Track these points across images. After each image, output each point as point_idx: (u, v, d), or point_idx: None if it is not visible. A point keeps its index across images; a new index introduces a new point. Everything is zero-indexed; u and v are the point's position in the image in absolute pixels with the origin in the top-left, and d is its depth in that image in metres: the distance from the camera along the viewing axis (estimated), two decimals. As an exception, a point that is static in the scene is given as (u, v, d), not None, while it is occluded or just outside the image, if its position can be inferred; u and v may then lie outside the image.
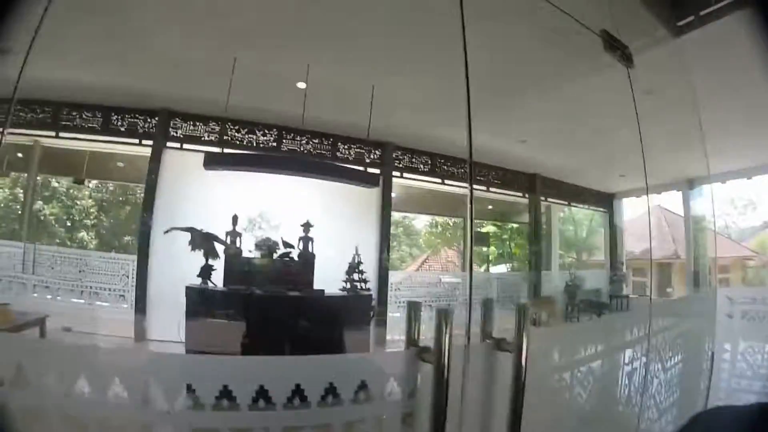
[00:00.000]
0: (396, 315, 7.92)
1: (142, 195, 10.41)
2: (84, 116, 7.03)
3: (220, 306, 4.82)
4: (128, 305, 6.91)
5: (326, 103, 6.17)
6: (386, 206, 7.08)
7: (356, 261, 5.31)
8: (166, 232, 5.23)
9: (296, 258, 5.37)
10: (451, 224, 11.30)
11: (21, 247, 7.76)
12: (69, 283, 7.38)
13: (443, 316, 2.39)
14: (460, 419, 2.61)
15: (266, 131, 6.64)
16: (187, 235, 5.22)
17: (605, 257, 9.54)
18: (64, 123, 7.09)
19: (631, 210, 9.01)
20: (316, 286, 5.18)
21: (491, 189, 8.14)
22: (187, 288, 4.82)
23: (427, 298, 8.39)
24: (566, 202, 9.78)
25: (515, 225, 10.64)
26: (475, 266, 9.96)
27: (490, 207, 9.43)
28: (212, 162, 5.64)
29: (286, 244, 5.50)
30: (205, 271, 5.16)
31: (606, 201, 9.13)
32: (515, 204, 9.31)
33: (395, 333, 6.84)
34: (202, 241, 5.22)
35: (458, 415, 2.58)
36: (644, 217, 8.27)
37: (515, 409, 2.60)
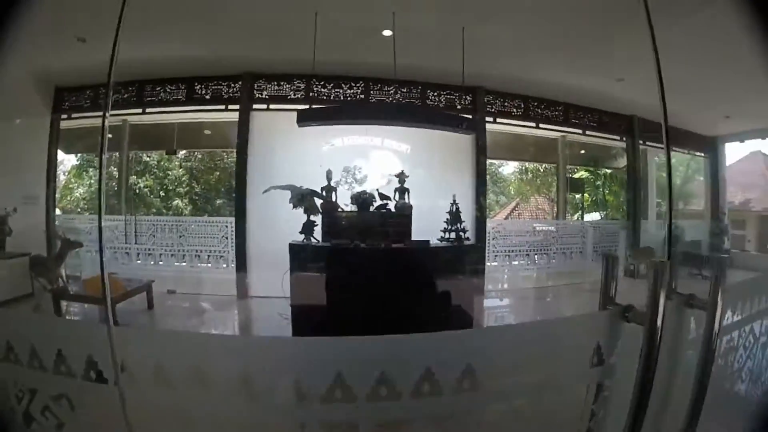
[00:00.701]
0: (494, 264, 7.82)
1: (233, 159, 10.73)
2: (168, 90, 7.16)
3: (323, 261, 4.71)
4: (228, 265, 7.11)
5: (414, 50, 5.85)
6: (480, 153, 6.77)
7: (455, 210, 5.05)
8: (265, 191, 5.16)
9: (393, 209, 5.18)
10: (542, 170, 10.98)
11: (122, 219, 8.08)
12: (171, 248, 7.67)
13: (660, 269, 2.00)
14: (668, 387, 2.24)
15: (352, 84, 6.46)
16: (286, 194, 5.11)
17: (707, 206, 8.79)
18: (149, 99, 7.25)
19: (735, 155, 8.18)
20: (415, 237, 4.96)
21: (587, 132, 7.57)
22: (291, 245, 4.72)
23: (522, 247, 8.04)
24: (665, 146, 8.97)
25: (608, 171, 10.03)
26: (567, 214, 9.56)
27: (582, 152, 8.89)
28: (305, 118, 5.49)
29: (383, 196, 5.33)
30: (308, 228, 5.07)
31: (708, 145, 8.30)
32: (610, 148, 8.68)
33: (495, 283, 6.64)
34: (303, 197, 5.11)
35: (666, 383, 2.22)
36: (747, 164, 7.53)
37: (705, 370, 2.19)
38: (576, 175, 9.31)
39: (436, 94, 6.64)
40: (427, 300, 4.54)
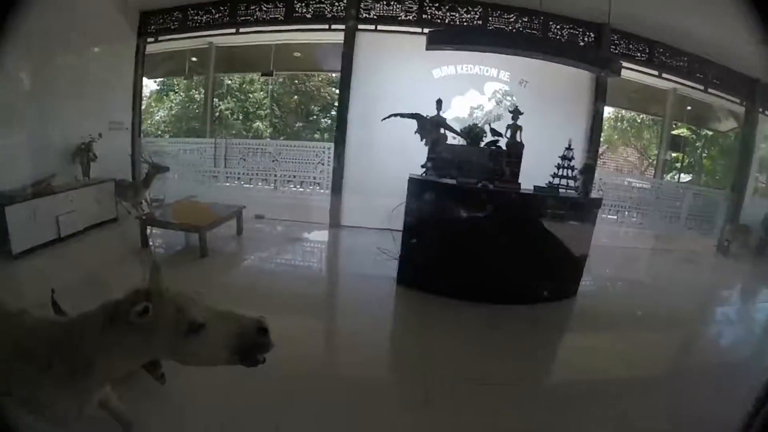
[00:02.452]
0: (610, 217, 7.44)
1: (314, 84, 10.53)
2: (264, 8, 6.79)
3: (443, 198, 4.37)
4: (324, 190, 6.98)
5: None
6: (599, 97, 6.30)
7: (570, 156, 4.62)
8: (385, 119, 4.79)
9: (504, 147, 4.79)
10: (639, 121, 10.34)
11: (212, 142, 8.01)
12: (262, 173, 7.57)
13: None
14: None
15: (470, 8, 6.00)
16: (392, 121, 4.75)
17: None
18: (243, 18, 6.90)
19: None
20: (528, 180, 4.57)
21: (709, 89, 6.94)
22: (411, 178, 4.39)
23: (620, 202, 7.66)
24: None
25: (710, 132, 9.33)
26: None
27: (689, 108, 8.22)
28: (437, 40, 5.02)
29: (494, 132, 4.88)
30: (435, 161, 4.69)
31: None
32: (717, 109, 7.98)
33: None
34: (432, 127, 4.73)
35: None
36: None
37: None
38: (675, 132, 8.71)
39: (558, 26, 6.14)
40: (539, 249, 4.26)
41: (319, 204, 6.85)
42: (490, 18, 6.01)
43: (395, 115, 4.74)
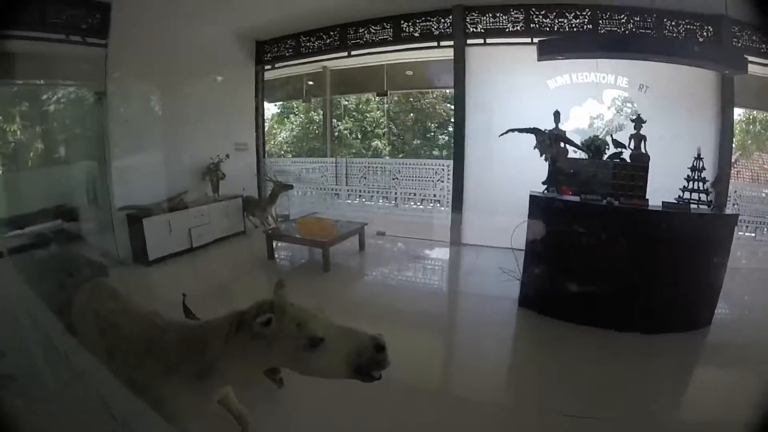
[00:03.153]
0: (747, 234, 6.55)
1: (429, 101, 10.74)
2: (372, 30, 7.13)
3: (566, 217, 4.24)
4: (444, 207, 7.11)
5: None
6: (726, 98, 5.81)
7: (700, 166, 4.27)
8: (502, 134, 4.76)
9: (628, 159, 4.57)
10: None
11: (333, 161, 8.47)
12: (383, 190, 7.89)
13: None
14: None
15: (577, 13, 5.83)
16: (516, 137, 4.71)
17: None
18: (353, 42, 7.29)
19: None
20: (656, 195, 4.27)
21: None
22: (532, 196, 4.33)
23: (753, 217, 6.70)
24: None
25: None
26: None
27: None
28: (548, 50, 5.00)
29: (617, 143, 4.57)
30: (554, 177, 4.58)
31: None
32: None
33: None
34: (552, 142, 4.63)
35: None
36: None
37: None
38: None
39: (673, 23, 5.76)
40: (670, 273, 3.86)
41: (439, 221, 7.02)
42: (600, 21, 5.77)
43: (512, 130, 4.66)
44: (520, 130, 4.65)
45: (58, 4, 5.32)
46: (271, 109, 11.83)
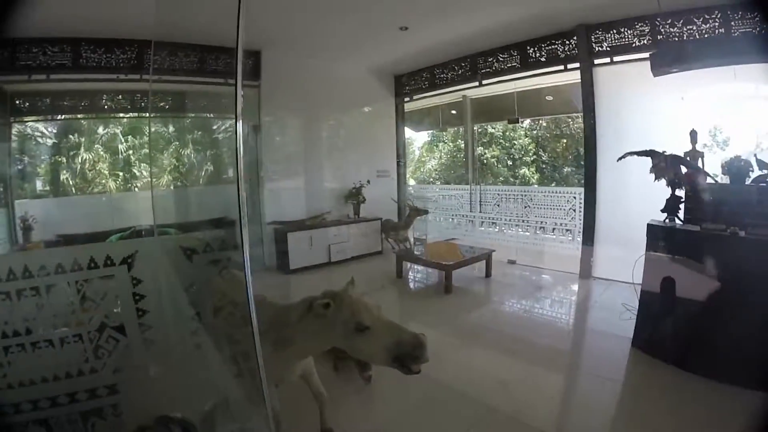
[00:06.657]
0: None
1: (579, 125, 10.18)
2: (500, 58, 7.15)
3: (687, 248, 3.67)
4: (574, 239, 6.73)
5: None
6: None
7: None
8: (621, 158, 4.34)
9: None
10: None
11: (468, 189, 8.59)
12: (515, 218, 7.75)
13: None
14: None
15: (706, 16, 5.05)
16: (645, 161, 4.23)
17: None
18: (483, 71, 7.40)
19: None
20: None
21: None
22: (649, 225, 3.85)
23: None
24: None
25: None
26: None
27: None
28: (663, 62, 4.52)
29: (762, 164, 3.78)
30: (672, 205, 4.04)
31: None
32: None
33: None
34: (670, 166, 4.09)
35: None
36: None
37: None
38: None
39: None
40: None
41: (569, 252, 6.67)
42: (732, 23, 4.91)
43: (630, 153, 4.20)
44: (639, 154, 4.16)
45: (216, 52, 6.50)
46: (422, 137, 12.36)
